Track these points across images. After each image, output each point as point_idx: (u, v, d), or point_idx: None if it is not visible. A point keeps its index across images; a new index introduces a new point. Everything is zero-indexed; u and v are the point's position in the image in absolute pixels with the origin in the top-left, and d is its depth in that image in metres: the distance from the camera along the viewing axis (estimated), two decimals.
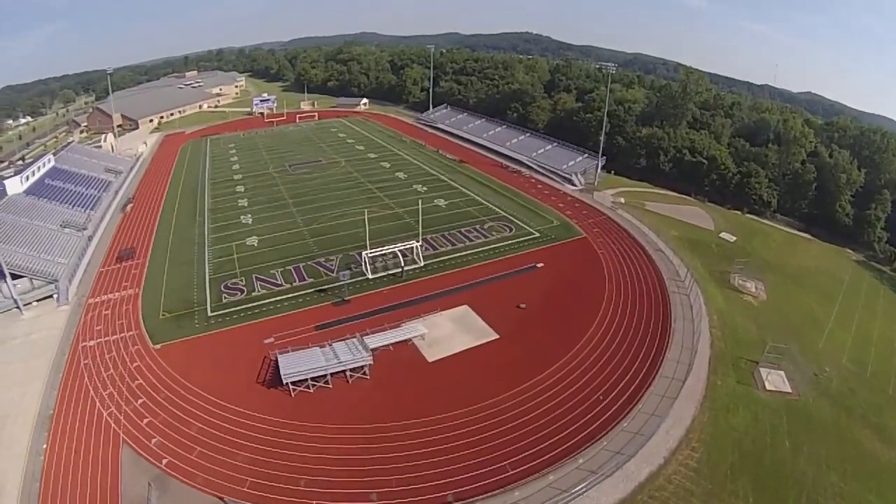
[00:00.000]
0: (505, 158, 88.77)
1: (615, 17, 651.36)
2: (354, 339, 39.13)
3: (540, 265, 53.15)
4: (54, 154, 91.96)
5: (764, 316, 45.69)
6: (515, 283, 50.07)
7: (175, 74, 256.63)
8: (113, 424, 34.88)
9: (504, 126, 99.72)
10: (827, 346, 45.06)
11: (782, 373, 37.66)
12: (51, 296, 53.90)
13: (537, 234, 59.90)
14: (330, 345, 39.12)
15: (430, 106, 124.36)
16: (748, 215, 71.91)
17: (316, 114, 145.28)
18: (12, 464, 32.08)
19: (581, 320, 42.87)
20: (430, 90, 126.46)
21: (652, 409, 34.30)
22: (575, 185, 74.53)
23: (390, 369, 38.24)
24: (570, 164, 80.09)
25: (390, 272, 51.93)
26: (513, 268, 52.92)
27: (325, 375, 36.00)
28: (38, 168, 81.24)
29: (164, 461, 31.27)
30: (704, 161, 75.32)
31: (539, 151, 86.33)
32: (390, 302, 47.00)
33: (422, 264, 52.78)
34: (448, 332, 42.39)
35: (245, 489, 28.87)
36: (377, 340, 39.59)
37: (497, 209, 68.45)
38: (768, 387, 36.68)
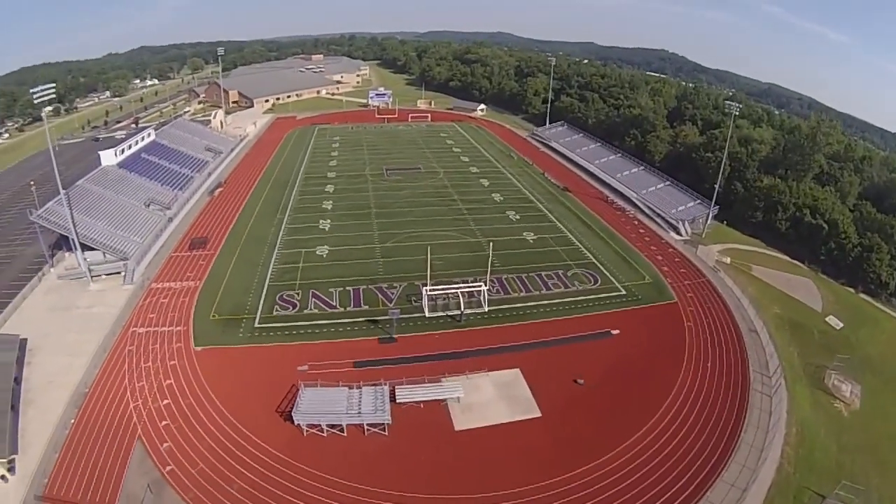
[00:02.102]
0: (612, 192, 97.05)
1: (753, 44, 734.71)
2: (384, 388, 43.58)
3: (615, 332, 54.33)
4: (156, 129, 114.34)
5: (851, 433, 46.13)
6: (581, 351, 51.60)
7: (302, 56, 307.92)
8: (135, 418, 43.79)
9: (619, 154, 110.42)
10: None
11: None
12: (119, 272, 67.91)
13: (623, 292, 62.86)
14: (359, 387, 44.20)
15: (548, 121, 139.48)
16: (862, 295, 73.39)
17: (429, 115, 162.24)
18: (42, 429, 42.56)
19: (639, 412, 44.40)
20: (549, 104, 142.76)
21: None
22: (680, 235, 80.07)
23: (412, 429, 41.77)
24: (680, 208, 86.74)
25: (450, 313, 56.21)
26: (584, 330, 54.72)
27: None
28: (137, 141, 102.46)
29: (168, 468, 38.58)
30: (824, 225, 78.91)
31: (649, 189, 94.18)
32: (438, 350, 51.02)
33: (486, 310, 56.32)
34: (487, 399, 44.93)
35: None
36: (408, 394, 43.59)
37: (588, 253, 72.86)
38: None
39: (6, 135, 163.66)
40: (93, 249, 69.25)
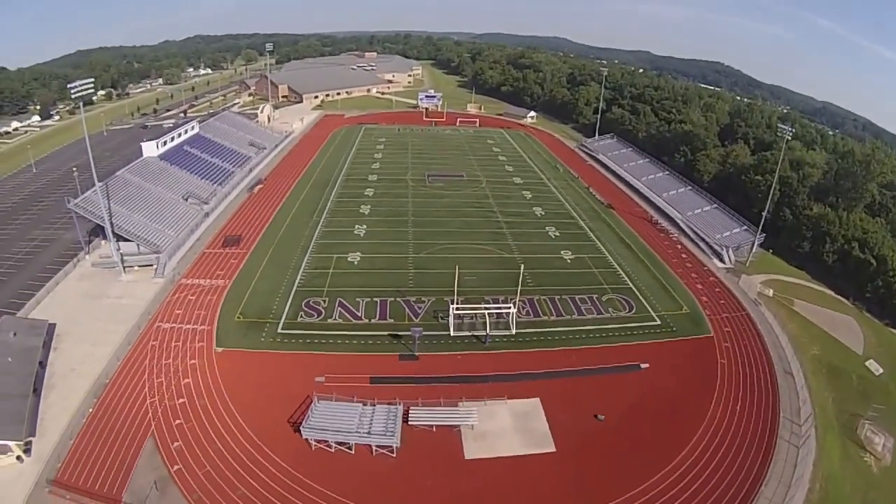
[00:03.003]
0: (657, 211, 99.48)
1: (809, 61, 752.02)
2: (398, 409, 45.27)
3: (645, 365, 54.56)
4: (200, 122, 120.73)
5: (878, 491, 45.71)
6: (607, 384, 52.10)
7: (356, 52, 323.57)
8: (150, 414, 47.01)
9: (666, 172, 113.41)
10: None
11: None
12: (151, 265, 72.31)
13: (657, 322, 63.43)
14: (373, 405, 46.00)
15: (597, 133, 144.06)
16: None
17: (478, 120, 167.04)
18: (61, 415, 46.56)
19: (656, 456, 44.70)
20: (600, 116, 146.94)
21: None
22: (723, 263, 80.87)
23: (422, 453, 43.15)
24: (725, 234, 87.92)
25: (475, 333, 57.51)
26: (613, 361, 55.13)
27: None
28: (180, 134, 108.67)
29: (175, 467, 41.37)
30: (873, 261, 78.54)
31: (696, 211, 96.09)
32: (460, 371, 52.45)
33: (513, 332, 57.46)
34: (501, 428, 45.88)
35: None
36: (422, 416, 45.09)
37: (626, 278, 73.69)
38: None
39: (57, 117, 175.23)
40: (128, 240, 73.88)
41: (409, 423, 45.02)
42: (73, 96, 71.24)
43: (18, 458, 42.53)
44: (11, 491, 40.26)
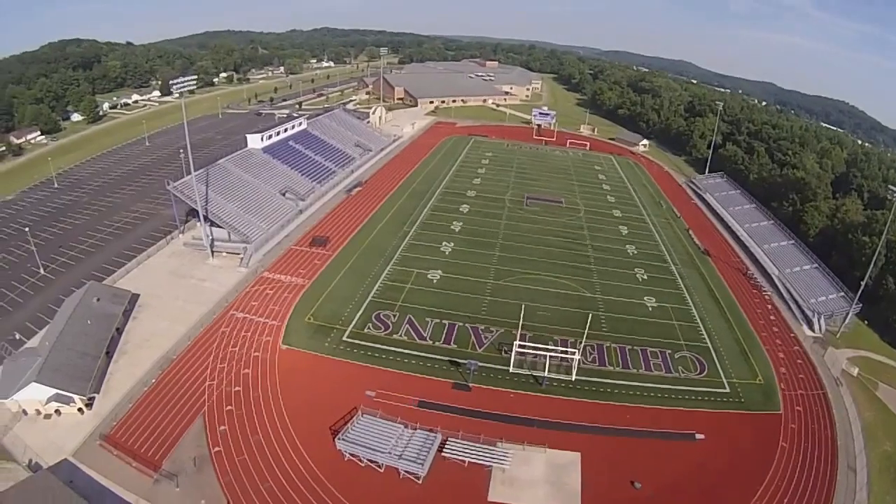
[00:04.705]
0: (754, 263, 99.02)
1: None
2: (436, 437, 48.65)
3: (700, 436, 53.93)
4: (308, 118, 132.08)
5: None
6: (656, 449, 51.97)
7: (477, 60, 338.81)
8: (205, 395, 53.96)
9: (771, 222, 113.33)
10: None
11: None
12: (238, 254, 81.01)
13: (727, 391, 62.90)
14: (413, 429, 49.79)
15: (707, 169, 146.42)
16: None
17: (588, 143, 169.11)
18: (126, 380, 55.12)
19: None
20: (712, 151, 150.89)
21: None
22: (812, 332, 79.14)
23: (447, 486, 45.99)
24: (821, 298, 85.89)
25: (534, 373, 59.46)
26: (668, 426, 54.87)
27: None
28: (287, 129, 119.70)
29: (216, 449, 47.52)
30: None
31: (794, 269, 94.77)
32: (508, 410, 54.66)
33: (572, 378, 58.75)
34: (533, 477, 47.52)
35: None
36: (458, 450, 48.04)
37: (705, 336, 73.40)
38: None
39: (176, 94, 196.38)
40: (220, 227, 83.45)
41: (444, 453, 48.09)
42: (175, 91, 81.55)
43: (80, 410, 51.36)
44: (67, 437, 48.86)
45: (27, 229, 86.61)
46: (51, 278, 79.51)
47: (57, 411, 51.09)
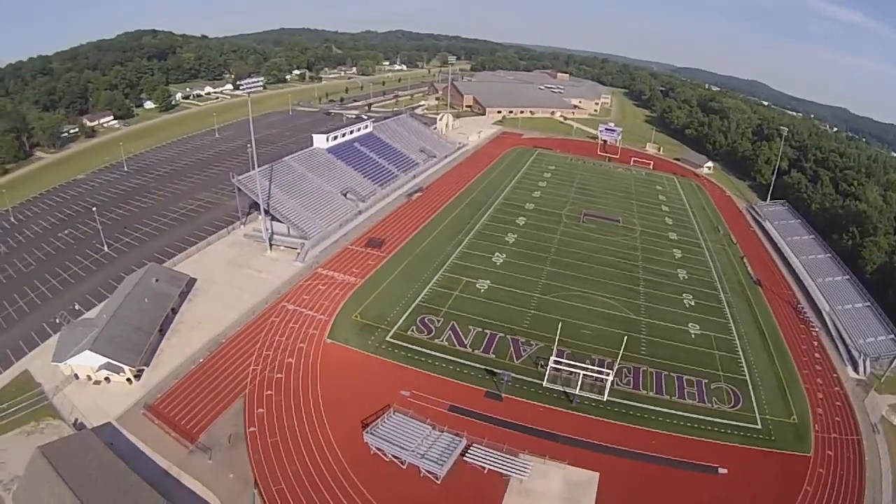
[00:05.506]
0: (805, 297, 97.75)
1: None
2: (461, 442, 50.71)
3: (723, 471, 53.62)
4: (375, 122, 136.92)
5: None
6: (674, 478, 52.13)
7: (548, 71, 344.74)
8: (248, 378, 57.97)
9: (828, 255, 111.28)
10: None
11: None
12: (295, 248, 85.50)
13: (758, 427, 62.08)
14: (441, 431, 52.05)
15: (769, 196, 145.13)
16: None
17: (652, 162, 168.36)
18: (175, 357, 60.16)
19: None
20: (774, 177, 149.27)
21: None
22: (856, 374, 77.27)
23: (464, 489, 47.92)
24: (869, 339, 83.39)
25: (567, 390, 60.60)
26: (692, 457, 54.75)
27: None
28: (353, 131, 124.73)
29: (251, 429, 51.22)
30: None
31: (846, 306, 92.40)
32: (536, 424, 56.13)
33: (604, 399, 59.40)
34: (548, 491, 48.69)
35: (274, 488, 45.86)
36: (480, 457, 49.95)
37: (744, 369, 72.64)
38: None
39: (252, 86, 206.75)
40: (280, 222, 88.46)
41: (466, 458, 50.04)
42: (242, 91, 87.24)
43: (129, 380, 56.55)
44: (113, 403, 54.16)
45: (94, 209, 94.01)
46: (113, 256, 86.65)
47: (107, 379, 56.32)
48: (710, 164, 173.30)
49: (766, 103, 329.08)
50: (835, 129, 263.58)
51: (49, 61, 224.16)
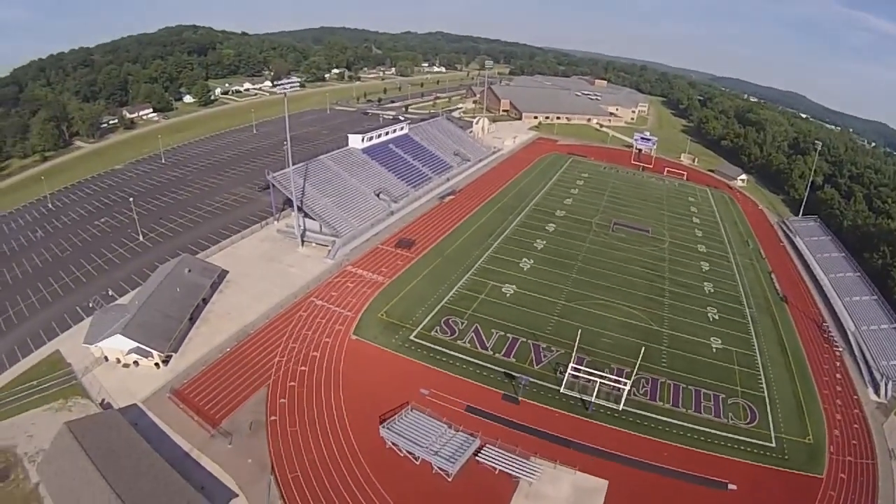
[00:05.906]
0: (831, 315, 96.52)
1: None
2: (475, 442, 52.11)
3: (732, 487, 53.56)
4: (410, 124, 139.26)
5: None
6: (682, 491, 52.38)
7: (587, 78, 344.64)
8: (273, 369, 60.25)
9: (858, 273, 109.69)
10: None
11: None
12: (326, 246, 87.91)
13: (772, 445, 61.79)
14: (456, 431, 53.51)
15: (801, 211, 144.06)
16: None
17: (685, 173, 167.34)
18: (203, 345, 62.90)
19: None
20: (807, 191, 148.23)
21: None
22: (877, 396, 76.06)
23: (473, 487, 49.24)
24: (892, 362, 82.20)
25: (584, 397, 61.43)
26: (702, 471, 54.83)
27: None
28: (388, 132, 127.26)
29: (272, 418, 53.44)
30: None
31: (871, 327, 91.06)
32: (550, 428, 57.07)
33: (619, 408, 60.12)
34: (556, 495, 49.67)
35: (290, 475, 47.94)
36: (492, 457, 51.23)
37: (763, 386, 72.47)
38: None
39: (280, 94, 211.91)
40: (312, 219, 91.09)
41: (478, 458, 51.32)
42: (278, 91, 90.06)
43: (157, 364, 59.46)
44: (140, 386, 57.11)
45: (131, 199, 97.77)
46: (148, 245, 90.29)
47: (135, 363, 59.20)
48: (744, 176, 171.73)
49: (803, 116, 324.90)
50: (872, 144, 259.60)
51: (90, 53, 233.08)
